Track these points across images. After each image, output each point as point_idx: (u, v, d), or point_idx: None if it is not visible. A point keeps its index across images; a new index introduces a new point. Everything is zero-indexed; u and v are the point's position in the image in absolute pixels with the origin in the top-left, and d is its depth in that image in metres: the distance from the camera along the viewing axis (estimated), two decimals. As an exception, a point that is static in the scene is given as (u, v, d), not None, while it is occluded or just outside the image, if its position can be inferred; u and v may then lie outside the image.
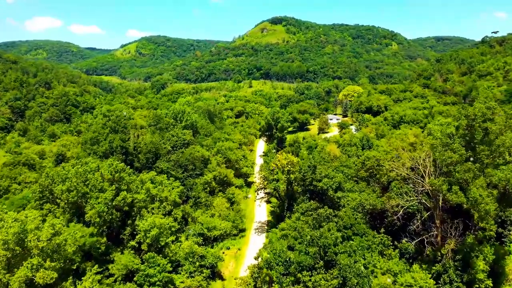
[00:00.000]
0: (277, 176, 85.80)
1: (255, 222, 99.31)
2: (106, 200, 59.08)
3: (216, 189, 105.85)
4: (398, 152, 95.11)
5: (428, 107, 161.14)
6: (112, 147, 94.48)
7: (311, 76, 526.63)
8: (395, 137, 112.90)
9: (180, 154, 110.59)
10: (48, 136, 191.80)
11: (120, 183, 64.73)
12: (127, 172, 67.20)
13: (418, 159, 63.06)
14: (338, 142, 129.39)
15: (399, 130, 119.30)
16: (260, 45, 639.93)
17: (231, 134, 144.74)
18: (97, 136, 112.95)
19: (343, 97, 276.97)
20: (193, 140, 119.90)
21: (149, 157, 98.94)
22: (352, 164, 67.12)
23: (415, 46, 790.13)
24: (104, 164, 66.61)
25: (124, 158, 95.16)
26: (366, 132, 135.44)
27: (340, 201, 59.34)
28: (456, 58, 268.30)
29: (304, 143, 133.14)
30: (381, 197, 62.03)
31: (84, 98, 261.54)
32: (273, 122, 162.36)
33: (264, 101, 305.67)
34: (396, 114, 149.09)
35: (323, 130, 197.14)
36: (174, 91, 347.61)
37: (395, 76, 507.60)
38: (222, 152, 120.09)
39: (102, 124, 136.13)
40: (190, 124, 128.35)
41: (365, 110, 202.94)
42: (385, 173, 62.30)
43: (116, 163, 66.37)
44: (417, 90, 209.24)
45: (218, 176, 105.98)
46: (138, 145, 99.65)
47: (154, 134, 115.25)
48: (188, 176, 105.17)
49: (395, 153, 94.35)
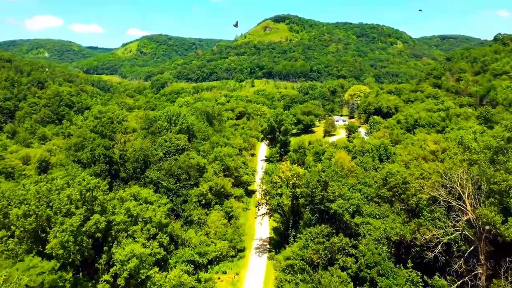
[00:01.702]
0: (281, 190, 74.68)
1: (256, 240, 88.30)
2: (73, 227, 48.19)
3: (212, 201, 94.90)
4: (418, 162, 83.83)
5: (444, 109, 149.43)
6: (94, 155, 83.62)
7: (315, 75, 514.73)
8: (413, 143, 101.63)
9: (173, 161, 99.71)
10: (38, 138, 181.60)
11: (92, 204, 53.81)
12: (102, 190, 56.21)
13: (453, 176, 51.80)
14: (348, 148, 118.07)
15: (416, 136, 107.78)
16: (263, 43, 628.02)
17: (231, 138, 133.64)
18: (82, 142, 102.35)
19: (349, 97, 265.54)
20: (188, 145, 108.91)
21: (137, 166, 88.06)
22: (371, 180, 55.99)
23: (420, 44, 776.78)
24: (76, 180, 55.67)
25: (108, 168, 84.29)
26: (377, 136, 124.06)
27: (358, 228, 48.23)
28: (468, 56, 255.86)
29: (310, 148, 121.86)
30: (409, 223, 50.80)
31: (79, 98, 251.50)
32: (276, 125, 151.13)
33: (266, 101, 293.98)
34: (409, 116, 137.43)
35: (329, 132, 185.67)
36: (173, 91, 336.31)
37: (401, 75, 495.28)
38: (220, 159, 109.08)
39: (89, 128, 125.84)
40: (185, 127, 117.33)
41: (373, 111, 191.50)
42: (413, 193, 51.01)
43: (89, 179, 55.44)
44: (428, 90, 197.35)
45: (214, 186, 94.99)
46: (124, 153, 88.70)
47: (145, 139, 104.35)
48: (181, 186, 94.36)
49: (414, 163, 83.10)
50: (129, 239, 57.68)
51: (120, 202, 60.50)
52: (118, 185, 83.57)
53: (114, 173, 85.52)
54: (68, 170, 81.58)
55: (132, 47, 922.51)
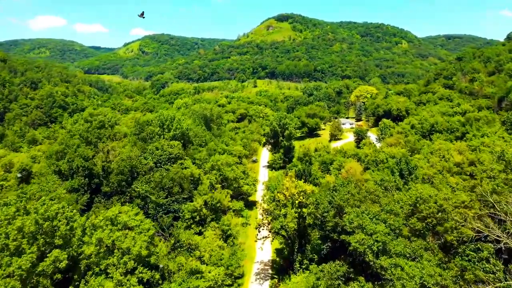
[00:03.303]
0: (285, 210, 64.12)
1: (256, 263, 77.94)
2: (21, 270, 37.87)
3: (208, 218, 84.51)
4: (443, 176, 72.98)
5: (461, 112, 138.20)
6: (72, 167, 73.37)
7: (318, 75, 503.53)
8: (433, 152, 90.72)
9: (165, 172, 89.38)
10: (27, 142, 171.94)
11: (53, 236, 43.50)
12: (65, 216, 45.82)
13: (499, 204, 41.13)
14: (358, 156, 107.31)
15: (435, 143, 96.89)
16: (266, 43, 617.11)
17: (230, 144, 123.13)
18: (64, 149, 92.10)
19: (355, 98, 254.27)
20: (182, 153, 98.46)
21: (122, 178, 77.68)
22: (397, 207, 45.33)
23: (425, 44, 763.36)
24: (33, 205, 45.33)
25: (88, 182, 73.94)
26: (389, 143, 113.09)
27: (385, 273, 37.62)
28: (481, 56, 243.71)
29: (316, 156, 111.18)
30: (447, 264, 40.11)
31: (74, 99, 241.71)
32: (280, 129, 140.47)
33: (269, 102, 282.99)
34: (424, 120, 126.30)
35: (336, 136, 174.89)
36: (172, 92, 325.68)
37: (407, 76, 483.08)
38: (218, 168, 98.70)
39: (77, 132, 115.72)
40: (179, 133, 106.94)
41: (383, 114, 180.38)
42: (454, 227, 40.30)
43: (49, 204, 45.10)
44: (441, 91, 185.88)
45: (210, 201, 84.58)
46: (107, 164, 78.36)
47: (134, 147, 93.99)
48: (173, 201, 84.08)
49: (439, 177, 72.18)
50: (101, 276, 47.40)
51: (92, 230, 50.12)
52: (99, 201, 73.34)
53: (95, 187, 75.19)
54: (41, 184, 71.39)
55: (133, 46, 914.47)
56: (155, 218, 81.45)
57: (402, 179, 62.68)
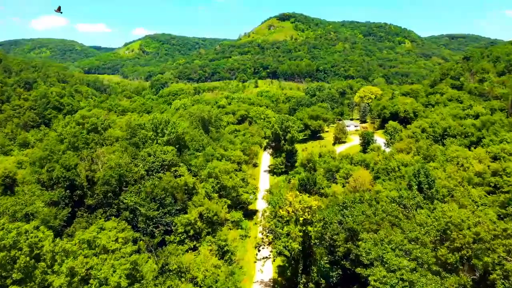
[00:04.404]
0: (288, 228, 56.82)
1: (256, 282, 70.59)
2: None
3: (203, 231, 77.44)
4: (465, 188, 65.46)
5: (473, 114, 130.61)
6: (52, 178, 66.26)
7: (321, 75, 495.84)
8: (448, 160, 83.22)
9: (157, 181, 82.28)
10: (18, 145, 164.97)
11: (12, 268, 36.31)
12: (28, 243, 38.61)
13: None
14: (365, 162, 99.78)
15: (449, 150, 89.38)
16: (267, 42, 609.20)
17: (229, 148, 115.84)
18: (48, 156, 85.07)
19: (359, 99, 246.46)
20: (176, 160, 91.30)
21: (108, 189, 70.47)
22: (422, 233, 37.94)
23: (429, 44, 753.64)
24: None
25: (70, 194, 66.68)
26: (399, 148, 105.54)
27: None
28: (490, 55, 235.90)
29: (321, 162, 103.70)
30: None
31: (70, 99, 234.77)
32: (282, 132, 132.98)
33: (270, 103, 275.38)
34: (435, 123, 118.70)
35: (340, 139, 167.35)
36: (171, 92, 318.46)
37: (411, 76, 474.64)
38: (215, 176, 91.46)
39: (67, 136, 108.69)
40: (174, 137, 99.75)
41: (389, 116, 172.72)
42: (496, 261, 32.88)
43: (9, 228, 37.93)
44: (450, 92, 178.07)
45: (206, 213, 77.40)
46: (92, 173, 71.17)
47: (124, 153, 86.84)
48: (165, 213, 77.01)
49: (460, 190, 64.65)
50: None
51: (64, 256, 42.95)
52: (81, 215, 66.12)
53: (78, 199, 68.01)
54: (17, 196, 64.26)
55: (134, 46, 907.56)
56: (145, 232, 74.48)
57: (421, 193, 55.22)
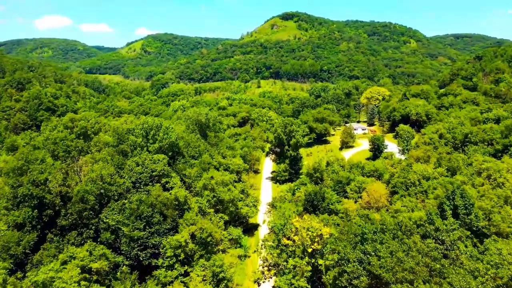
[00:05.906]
0: (294, 261, 46.97)
1: (256, 317, 60.69)
2: None
3: (195, 254, 67.63)
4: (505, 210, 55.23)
5: (493, 118, 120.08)
6: (17, 195, 56.67)
7: (325, 75, 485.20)
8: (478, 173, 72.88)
9: (144, 195, 72.63)
10: (6, 149, 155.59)
11: None
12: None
13: None
14: (378, 172, 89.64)
15: (474, 159, 79.13)
16: (270, 42, 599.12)
17: (228, 155, 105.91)
18: (23, 166, 75.51)
19: (366, 100, 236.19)
20: (167, 170, 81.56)
21: (84, 207, 60.72)
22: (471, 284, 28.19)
23: (434, 43, 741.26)
24: None
25: (38, 214, 56.95)
26: (416, 156, 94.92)
27: None
28: (504, 54, 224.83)
29: (329, 172, 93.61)
30: None
31: (66, 100, 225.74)
32: (285, 137, 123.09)
33: (273, 104, 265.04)
34: (454, 128, 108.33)
35: (347, 144, 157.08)
36: (171, 93, 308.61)
37: (417, 76, 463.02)
38: (212, 188, 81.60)
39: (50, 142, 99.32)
40: (167, 144, 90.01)
41: (399, 119, 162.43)
42: None
43: None
44: (464, 94, 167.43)
45: (199, 233, 67.60)
46: (65, 188, 61.48)
47: (108, 164, 77.14)
48: (152, 233, 67.26)
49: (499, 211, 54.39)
50: None
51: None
52: (51, 239, 56.44)
53: (48, 220, 58.34)
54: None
55: (136, 46, 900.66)
56: (129, 256, 64.85)
57: (456, 219, 45.15)
